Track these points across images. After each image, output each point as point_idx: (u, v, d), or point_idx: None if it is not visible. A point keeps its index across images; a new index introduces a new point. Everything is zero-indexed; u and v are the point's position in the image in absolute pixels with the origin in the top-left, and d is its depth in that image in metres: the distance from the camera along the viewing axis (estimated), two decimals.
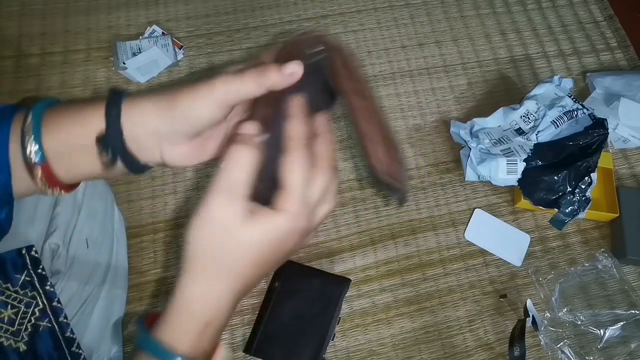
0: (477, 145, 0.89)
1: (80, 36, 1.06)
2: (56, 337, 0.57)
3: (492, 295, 0.85)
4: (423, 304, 0.84)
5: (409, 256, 0.87)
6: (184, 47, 1.04)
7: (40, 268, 0.58)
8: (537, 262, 0.87)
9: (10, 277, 0.57)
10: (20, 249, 0.58)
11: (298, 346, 0.74)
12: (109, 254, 0.70)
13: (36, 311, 0.57)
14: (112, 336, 0.69)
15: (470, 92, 1.04)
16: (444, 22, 1.13)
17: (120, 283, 0.72)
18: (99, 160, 0.37)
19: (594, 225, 0.91)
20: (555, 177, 0.84)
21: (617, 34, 1.13)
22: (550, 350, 0.77)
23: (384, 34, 1.10)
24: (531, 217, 0.91)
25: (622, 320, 0.79)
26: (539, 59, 1.09)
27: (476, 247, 0.88)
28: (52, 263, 0.61)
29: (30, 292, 0.57)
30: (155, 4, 1.11)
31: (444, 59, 1.08)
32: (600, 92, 0.99)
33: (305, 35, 0.38)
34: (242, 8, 1.12)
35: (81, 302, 0.62)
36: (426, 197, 0.93)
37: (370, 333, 0.81)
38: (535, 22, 1.14)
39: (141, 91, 1.00)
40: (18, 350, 0.55)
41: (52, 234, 0.61)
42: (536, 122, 0.89)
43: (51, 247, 0.61)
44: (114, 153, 0.37)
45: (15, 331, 0.55)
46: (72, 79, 1.01)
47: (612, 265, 0.83)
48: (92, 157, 0.37)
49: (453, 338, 0.82)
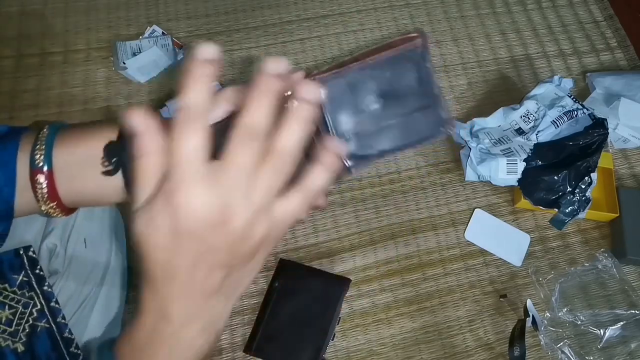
0: (477, 145, 0.89)
1: (80, 36, 1.06)
2: (54, 338, 0.57)
3: (492, 295, 0.85)
4: (423, 304, 0.84)
5: (409, 256, 0.87)
6: (184, 47, 1.04)
7: (38, 268, 0.58)
8: (537, 262, 0.87)
9: (8, 277, 0.57)
10: (18, 249, 0.58)
11: (298, 346, 0.74)
12: (108, 254, 0.69)
13: (34, 311, 0.57)
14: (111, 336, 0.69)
15: (470, 92, 1.04)
16: (444, 22, 1.12)
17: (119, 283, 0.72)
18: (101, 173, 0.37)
19: (594, 225, 0.91)
20: (555, 177, 0.84)
21: (617, 34, 1.13)
22: (550, 350, 0.77)
23: (384, 34, 1.10)
24: (531, 217, 0.91)
25: (622, 320, 0.79)
26: (539, 59, 1.09)
27: (476, 247, 0.88)
28: (50, 263, 0.61)
29: (28, 293, 0.57)
30: (155, 4, 1.11)
31: (444, 59, 1.08)
32: (600, 92, 0.99)
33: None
34: (242, 8, 1.12)
35: (80, 302, 0.62)
36: (426, 197, 0.93)
37: (370, 333, 0.81)
38: (535, 22, 1.14)
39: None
40: (16, 351, 0.55)
41: (50, 234, 0.61)
42: (536, 122, 0.89)
43: (49, 247, 0.61)
44: (118, 162, 0.37)
45: (13, 332, 0.55)
46: (72, 79, 1.01)
47: (612, 265, 0.83)
48: (95, 173, 0.37)
49: (453, 338, 0.82)
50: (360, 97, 0.43)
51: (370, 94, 0.43)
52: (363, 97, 0.43)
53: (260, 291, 0.82)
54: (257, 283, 0.83)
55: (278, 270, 0.81)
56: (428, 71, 0.41)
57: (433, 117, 0.43)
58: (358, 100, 0.43)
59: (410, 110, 0.43)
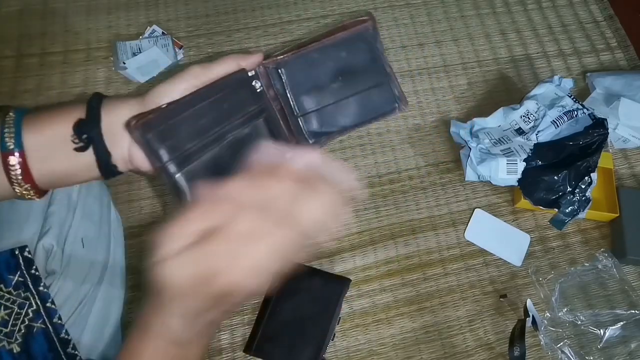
0: (477, 145, 0.89)
1: (80, 36, 1.06)
2: (50, 338, 0.57)
3: (492, 295, 0.85)
4: (423, 303, 0.84)
5: (409, 256, 0.87)
6: (184, 47, 1.05)
7: (34, 269, 0.58)
8: (537, 262, 0.87)
9: (4, 277, 0.56)
10: (14, 249, 0.58)
11: (298, 346, 0.74)
12: (106, 254, 0.69)
13: (30, 312, 0.57)
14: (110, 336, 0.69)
15: (470, 92, 1.04)
16: (444, 22, 1.12)
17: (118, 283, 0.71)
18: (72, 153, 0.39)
19: (594, 225, 0.91)
20: (555, 177, 0.84)
21: (617, 34, 1.13)
22: (550, 350, 0.77)
23: (384, 34, 1.10)
24: (531, 217, 0.91)
25: (622, 320, 0.79)
26: (539, 59, 1.09)
27: (476, 247, 0.88)
28: (47, 263, 0.60)
29: (24, 293, 0.57)
30: (155, 4, 1.11)
31: (444, 59, 1.08)
32: (600, 92, 0.99)
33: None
34: (242, 8, 1.12)
35: (78, 303, 0.62)
36: (426, 197, 0.93)
37: (370, 333, 0.81)
38: (535, 22, 1.14)
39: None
40: (12, 351, 0.54)
41: (46, 234, 0.61)
42: (536, 122, 0.89)
43: (45, 247, 0.60)
44: (89, 138, 0.39)
45: (9, 332, 0.55)
46: (72, 79, 1.01)
47: (612, 265, 0.83)
48: (66, 151, 0.39)
49: (453, 338, 0.81)
50: (320, 76, 0.46)
51: (328, 73, 0.45)
52: (322, 75, 0.46)
53: None
54: None
55: None
56: (379, 51, 0.45)
57: (387, 94, 0.46)
58: (317, 78, 0.46)
59: (366, 88, 0.46)
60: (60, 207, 0.63)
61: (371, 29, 0.44)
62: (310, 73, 0.45)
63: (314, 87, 0.46)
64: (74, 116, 0.39)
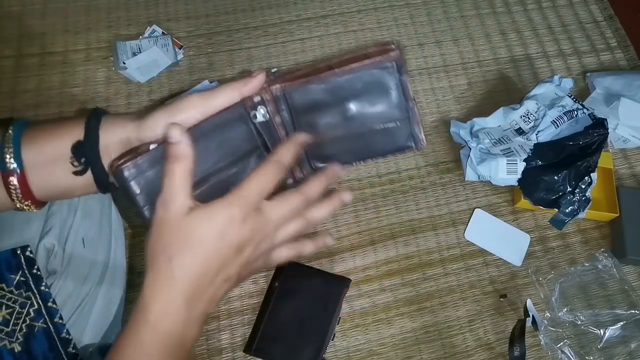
0: (477, 145, 0.89)
1: (80, 36, 1.06)
2: (51, 338, 0.57)
3: (492, 295, 0.85)
4: (423, 303, 0.84)
5: (409, 256, 0.87)
6: (184, 47, 1.05)
7: (35, 268, 0.58)
8: (537, 262, 0.87)
9: (5, 277, 0.57)
10: (15, 249, 0.58)
11: (298, 346, 0.74)
12: (107, 254, 0.69)
13: (31, 311, 0.57)
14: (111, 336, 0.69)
15: (470, 92, 1.04)
16: (444, 22, 1.13)
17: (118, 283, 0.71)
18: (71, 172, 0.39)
19: (594, 225, 0.91)
20: (555, 177, 0.84)
21: (617, 34, 1.13)
22: (550, 350, 0.77)
23: (384, 34, 1.10)
24: (531, 217, 0.91)
25: (622, 320, 0.79)
26: (539, 59, 1.09)
27: (476, 247, 0.88)
28: (48, 263, 0.61)
29: (25, 293, 0.57)
30: (155, 4, 1.11)
31: (444, 59, 1.08)
32: (600, 92, 0.99)
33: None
34: (242, 8, 1.12)
35: (79, 302, 0.62)
36: (426, 197, 0.93)
37: (370, 333, 0.81)
38: (535, 22, 1.14)
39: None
40: (13, 351, 0.55)
41: (48, 234, 0.61)
42: (536, 122, 0.89)
43: (46, 247, 0.61)
44: (87, 161, 0.39)
45: (10, 332, 0.55)
46: (72, 79, 1.01)
47: (612, 265, 0.83)
48: (65, 170, 0.39)
49: (453, 338, 0.82)
50: (331, 106, 0.42)
51: (341, 104, 0.41)
52: (334, 106, 0.42)
53: (260, 291, 0.82)
54: (257, 283, 0.83)
55: (278, 270, 0.81)
56: (403, 84, 0.40)
57: (403, 131, 0.42)
58: (329, 109, 0.42)
59: (381, 123, 0.42)
60: (61, 207, 0.63)
61: (396, 61, 0.39)
62: (321, 102, 0.41)
63: (323, 118, 0.42)
64: (74, 134, 0.39)
